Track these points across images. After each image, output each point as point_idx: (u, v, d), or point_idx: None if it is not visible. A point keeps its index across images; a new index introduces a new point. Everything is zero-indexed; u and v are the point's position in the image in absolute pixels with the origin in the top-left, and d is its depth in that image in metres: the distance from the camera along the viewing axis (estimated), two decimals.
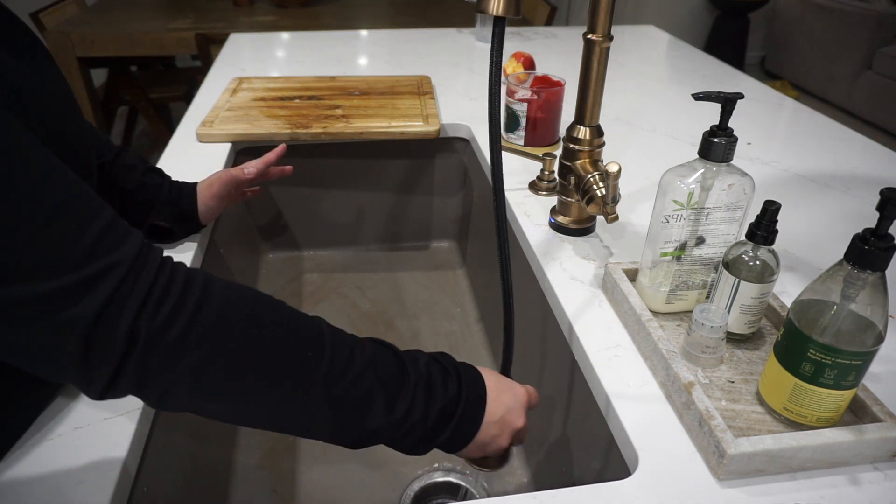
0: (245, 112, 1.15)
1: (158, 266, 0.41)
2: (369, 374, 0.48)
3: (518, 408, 0.56)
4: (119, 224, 0.41)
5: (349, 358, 0.47)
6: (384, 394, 0.48)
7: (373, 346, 0.50)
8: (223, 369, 0.42)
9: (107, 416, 0.56)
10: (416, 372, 0.50)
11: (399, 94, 1.25)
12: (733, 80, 1.43)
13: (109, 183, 0.73)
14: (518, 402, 0.56)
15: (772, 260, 0.59)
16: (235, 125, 1.10)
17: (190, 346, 0.41)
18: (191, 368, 0.41)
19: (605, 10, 0.70)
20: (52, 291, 0.36)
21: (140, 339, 0.39)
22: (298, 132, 1.09)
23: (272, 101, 1.19)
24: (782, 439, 0.51)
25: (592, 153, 0.78)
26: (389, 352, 0.51)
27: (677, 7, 4.24)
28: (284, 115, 1.14)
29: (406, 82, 1.32)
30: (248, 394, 0.44)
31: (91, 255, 0.38)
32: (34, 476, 0.51)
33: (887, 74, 3.32)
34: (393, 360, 0.50)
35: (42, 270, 0.36)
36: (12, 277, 0.35)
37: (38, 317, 0.36)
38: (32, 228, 0.36)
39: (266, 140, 1.09)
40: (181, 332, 0.40)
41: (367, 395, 0.47)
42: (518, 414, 0.56)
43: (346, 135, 1.10)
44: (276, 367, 0.45)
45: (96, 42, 2.41)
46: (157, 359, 0.40)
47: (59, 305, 0.37)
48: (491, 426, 0.54)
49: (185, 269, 0.43)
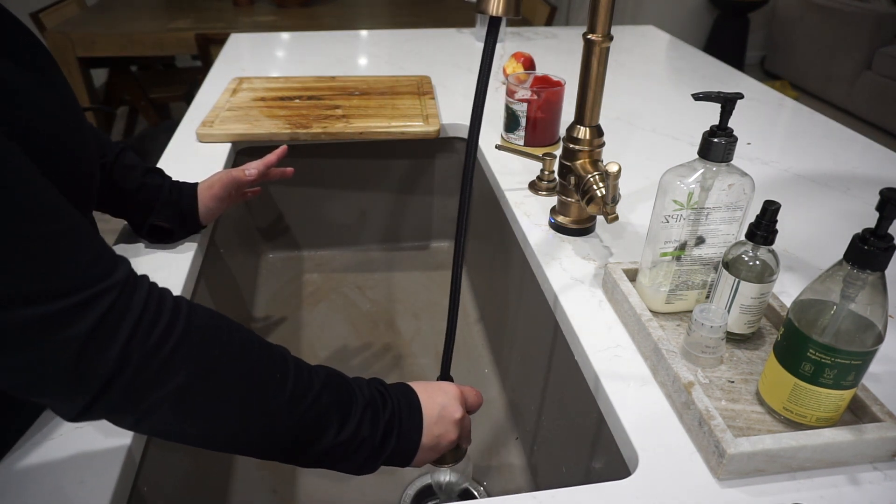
0: (245, 112, 1.15)
1: (147, 291, 0.42)
2: (325, 395, 0.50)
3: (452, 401, 0.59)
4: (109, 251, 0.43)
5: (308, 380, 0.50)
6: (338, 413, 0.51)
7: (324, 370, 0.53)
8: (205, 391, 0.44)
9: None
10: (361, 393, 0.53)
11: (399, 94, 1.25)
12: (733, 80, 1.43)
13: (110, 183, 0.73)
14: (450, 396, 0.59)
15: (771, 260, 0.59)
16: (235, 125, 1.10)
17: (177, 367, 0.42)
18: (176, 389, 0.42)
19: (605, 10, 0.70)
20: (50, 314, 0.37)
21: (132, 359, 0.40)
22: (298, 132, 1.09)
23: (272, 102, 1.19)
24: (782, 439, 0.51)
25: (592, 153, 0.78)
26: (338, 375, 0.54)
27: (677, 7, 4.24)
28: (284, 115, 1.14)
29: (406, 82, 1.32)
30: (223, 415, 0.46)
31: (85, 281, 0.39)
32: (35, 476, 0.51)
33: (887, 74, 3.32)
34: (343, 382, 0.53)
35: (40, 295, 0.37)
36: (11, 302, 0.36)
37: (34, 338, 0.37)
38: (33, 256, 0.37)
39: (266, 140, 1.09)
40: (170, 353, 0.41)
41: (325, 415, 0.50)
42: (454, 407, 0.59)
43: (346, 135, 1.10)
44: (251, 388, 0.46)
45: (96, 42, 2.41)
46: (146, 379, 0.41)
47: (55, 327, 0.37)
48: (433, 427, 0.57)
49: (171, 295, 0.45)
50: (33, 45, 0.53)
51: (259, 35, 1.72)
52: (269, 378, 0.47)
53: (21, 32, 0.52)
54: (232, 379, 0.45)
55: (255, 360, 0.48)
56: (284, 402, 0.48)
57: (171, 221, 0.78)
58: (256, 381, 0.47)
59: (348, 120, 1.12)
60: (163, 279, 0.73)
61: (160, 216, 0.77)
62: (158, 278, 0.73)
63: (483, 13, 0.52)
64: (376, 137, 1.11)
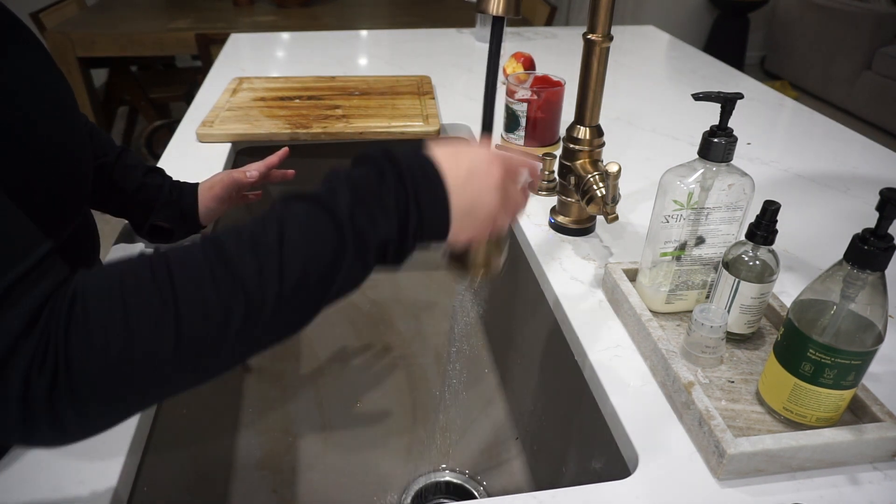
0: (245, 112, 1.15)
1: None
2: (295, 235, 0.42)
3: (482, 164, 0.47)
4: None
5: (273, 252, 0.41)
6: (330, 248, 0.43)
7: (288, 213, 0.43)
8: None
9: None
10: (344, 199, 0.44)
11: (399, 94, 1.25)
12: (733, 80, 1.43)
13: (110, 183, 0.73)
14: (480, 159, 0.47)
15: (771, 260, 0.59)
16: (236, 125, 1.10)
17: None
18: None
19: (605, 10, 0.70)
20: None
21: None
22: (298, 132, 1.09)
23: (272, 102, 1.19)
24: (782, 439, 0.51)
25: (592, 153, 0.78)
26: (305, 212, 0.43)
27: (677, 7, 4.24)
28: (284, 115, 1.14)
29: (406, 82, 1.32)
30: None
31: None
32: (35, 475, 0.51)
33: (887, 74, 3.32)
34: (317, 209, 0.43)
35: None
36: None
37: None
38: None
39: (266, 140, 1.09)
40: None
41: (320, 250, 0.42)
42: (487, 169, 0.47)
43: (347, 135, 1.10)
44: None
45: (96, 42, 2.41)
46: None
47: None
48: (462, 191, 0.45)
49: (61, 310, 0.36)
50: (32, 45, 0.53)
51: (259, 35, 1.72)
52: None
53: (20, 32, 0.52)
54: None
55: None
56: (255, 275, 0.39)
57: (172, 221, 0.78)
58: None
59: (348, 120, 1.12)
60: None
61: (160, 216, 0.77)
62: None
63: (483, 13, 0.52)
64: (376, 137, 1.11)
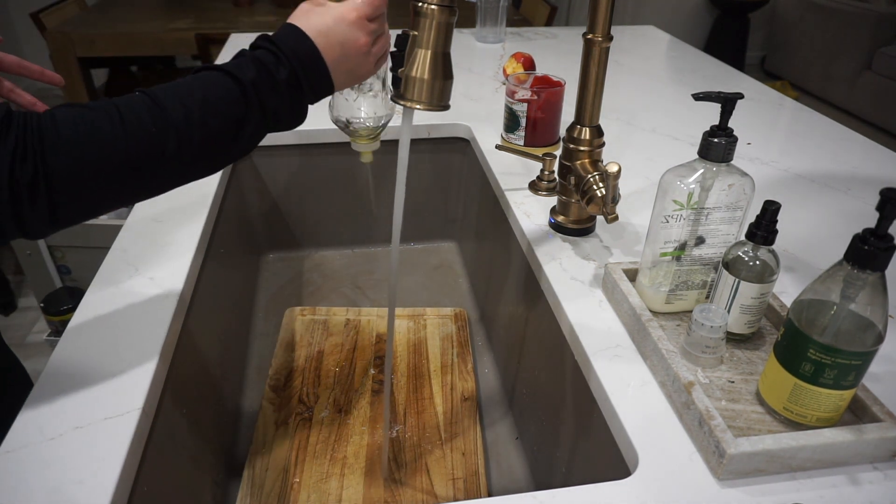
0: None
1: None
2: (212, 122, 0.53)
3: (349, 29, 0.57)
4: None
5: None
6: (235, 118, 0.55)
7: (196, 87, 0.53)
8: None
9: (107, 416, 0.56)
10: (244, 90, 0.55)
11: None
12: (733, 80, 1.43)
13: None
14: (346, 23, 0.57)
15: (772, 260, 0.59)
16: None
17: None
18: None
19: (605, 11, 0.70)
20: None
21: None
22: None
23: None
24: (782, 439, 0.51)
25: (592, 153, 0.78)
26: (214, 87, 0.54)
27: (677, 7, 4.24)
28: None
29: None
30: None
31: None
32: (35, 476, 0.51)
33: (887, 74, 3.32)
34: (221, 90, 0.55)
35: None
36: None
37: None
38: None
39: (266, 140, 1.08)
40: None
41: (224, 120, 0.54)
42: (354, 35, 0.58)
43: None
44: None
45: (96, 42, 2.41)
46: None
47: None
48: (339, 70, 0.57)
49: None
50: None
51: None
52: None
53: None
54: None
55: None
56: None
57: None
58: None
59: None
60: (163, 279, 0.73)
61: None
62: (158, 278, 0.74)
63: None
64: None
